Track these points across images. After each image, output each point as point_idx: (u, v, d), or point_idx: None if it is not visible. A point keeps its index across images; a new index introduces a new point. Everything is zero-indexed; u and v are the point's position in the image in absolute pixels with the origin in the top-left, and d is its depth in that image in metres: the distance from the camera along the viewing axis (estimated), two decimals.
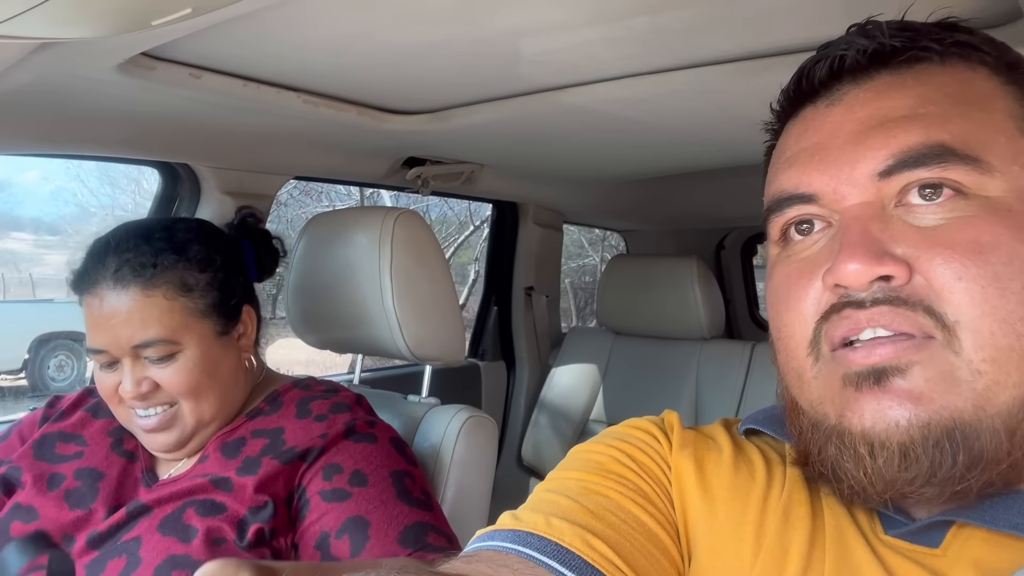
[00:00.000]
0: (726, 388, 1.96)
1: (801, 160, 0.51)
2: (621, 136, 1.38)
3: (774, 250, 0.54)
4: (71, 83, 0.91)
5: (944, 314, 0.44)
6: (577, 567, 0.48)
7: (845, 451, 0.46)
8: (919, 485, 0.44)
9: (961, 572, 0.45)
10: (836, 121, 0.50)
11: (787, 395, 0.53)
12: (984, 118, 0.48)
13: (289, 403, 1.01)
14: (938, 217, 0.46)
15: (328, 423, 0.96)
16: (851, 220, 0.47)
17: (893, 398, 0.44)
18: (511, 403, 2.34)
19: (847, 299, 0.46)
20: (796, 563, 0.49)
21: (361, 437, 0.95)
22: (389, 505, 0.89)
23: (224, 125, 1.17)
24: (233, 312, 1.00)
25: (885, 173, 0.47)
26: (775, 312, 0.52)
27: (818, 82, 0.52)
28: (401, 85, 1.10)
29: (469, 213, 7.02)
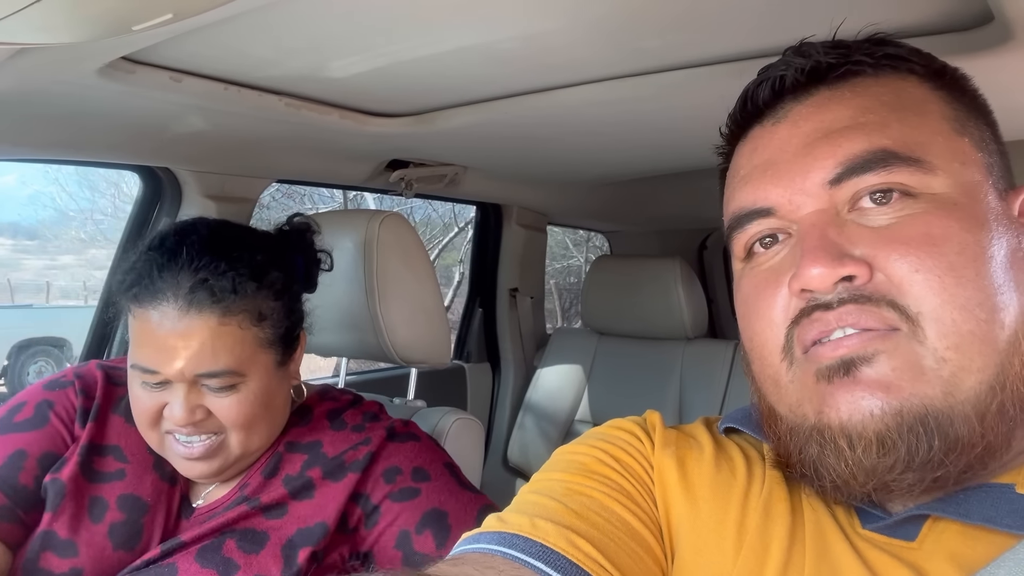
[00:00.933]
0: (710, 387, 1.97)
1: (755, 177, 0.53)
2: (603, 138, 1.39)
3: (738, 265, 0.56)
4: (51, 87, 0.91)
5: (907, 306, 0.45)
6: (562, 567, 0.48)
7: (826, 446, 0.47)
8: (899, 472, 0.45)
9: (937, 564, 0.46)
10: (783, 137, 0.53)
11: (763, 403, 0.54)
12: (920, 122, 0.50)
13: (320, 416, 0.97)
14: (889, 217, 0.48)
15: (367, 431, 0.93)
16: (809, 227, 0.49)
17: (864, 388, 0.45)
18: (496, 405, 2.34)
19: (815, 302, 0.48)
20: (777, 558, 0.50)
21: (405, 437, 0.94)
22: (457, 494, 0.90)
23: (205, 129, 1.17)
24: (295, 341, 0.93)
25: (835, 181, 0.49)
26: (746, 322, 0.54)
27: (762, 102, 0.55)
28: (383, 88, 1.10)
29: (453, 215, 7.01)
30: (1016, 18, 0.74)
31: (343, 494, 0.87)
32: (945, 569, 0.45)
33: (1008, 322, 0.46)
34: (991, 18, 0.76)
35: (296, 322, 0.93)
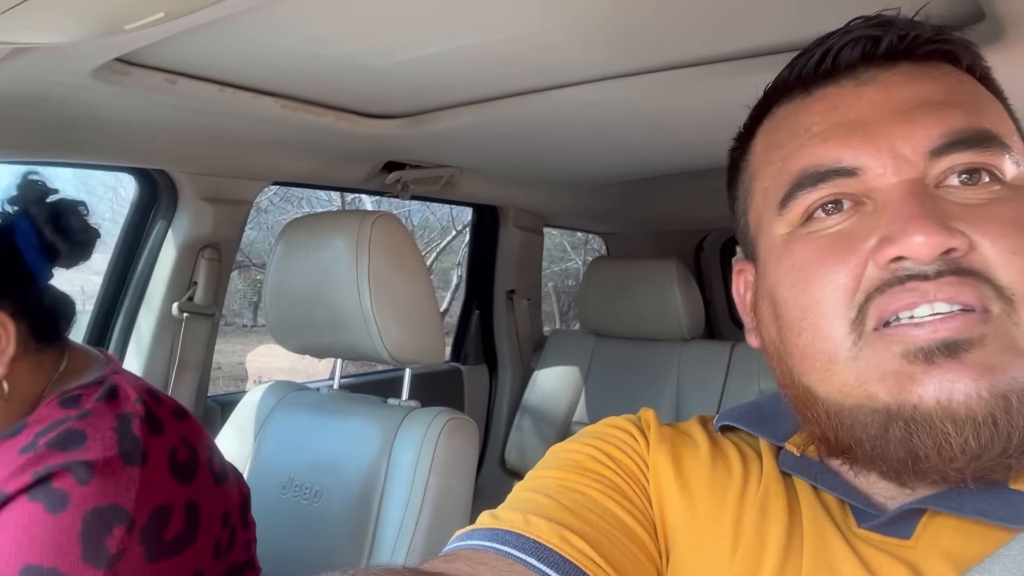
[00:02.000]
0: (707, 388, 1.97)
1: (839, 134, 0.49)
2: (600, 139, 1.39)
3: (783, 229, 0.52)
4: (44, 89, 0.90)
5: (1003, 287, 0.44)
6: (555, 563, 0.48)
7: (919, 429, 0.44)
8: (1006, 456, 0.43)
9: (932, 562, 0.46)
10: (874, 100, 0.50)
11: (798, 384, 0.51)
12: (1000, 116, 0.50)
13: (34, 424, 0.77)
14: (980, 197, 0.46)
15: (24, 464, 0.72)
16: (906, 194, 0.46)
17: (970, 371, 0.43)
18: (494, 406, 2.34)
19: (909, 272, 0.45)
20: (774, 557, 0.50)
21: (42, 496, 0.70)
22: None
23: (201, 131, 1.17)
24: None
25: (936, 152, 0.47)
26: (801, 290, 0.49)
27: (844, 63, 0.52)
28: (379, 89, 1.10)
29: (451, 218, 7.01)
30: (1007, 16, 0.74)
31: None
32: (940, 566, 0.45)
33: None
34: (982, 16, 0.76)
35: None
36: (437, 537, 1.07)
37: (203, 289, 1.47)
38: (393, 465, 1.12)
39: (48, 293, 0.86)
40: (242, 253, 5.25)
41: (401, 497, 1.10)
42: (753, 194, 0.57)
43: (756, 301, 0.57)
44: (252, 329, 8.12)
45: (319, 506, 1.15)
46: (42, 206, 0.85)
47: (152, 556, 0.73)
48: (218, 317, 1.54)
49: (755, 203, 0.56)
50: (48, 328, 0.84)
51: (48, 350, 0.83)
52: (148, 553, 0.73)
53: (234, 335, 7.74)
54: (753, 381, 1.90)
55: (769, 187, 0.54)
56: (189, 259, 1.45)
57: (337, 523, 1.13)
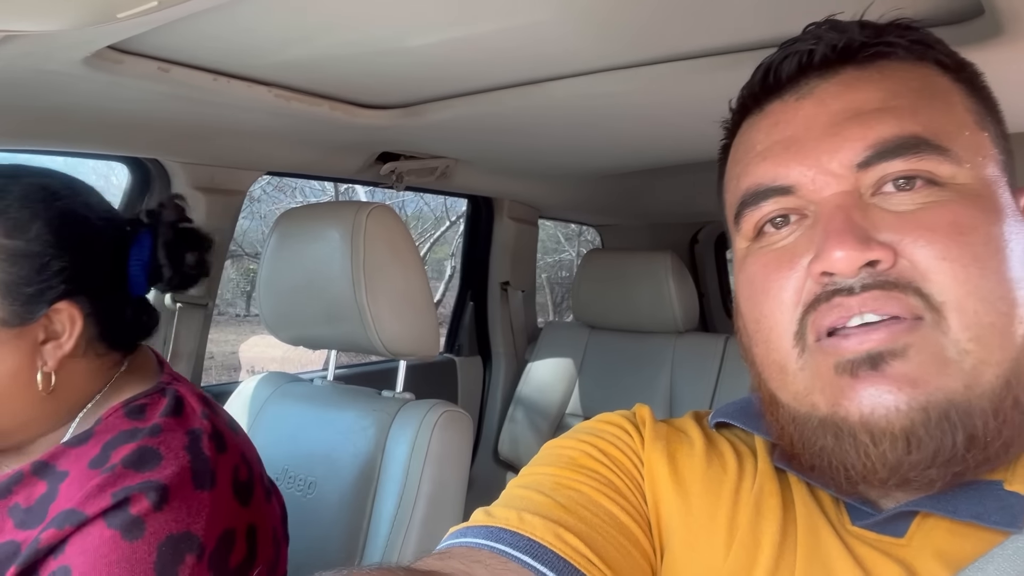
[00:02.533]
0: (700, 380, 1.98)
1: (775, 153, 0.51)
2: (595, 131, 1.39)
3: (743, 244, 0.54)
4: (36, 77, 0.89)
5: (931, 294, 0.45)
6: (549, 561, 0.48)
7: (844, 440, 0.45)
8: (923, 468, 0.44)
9: (925, 561, 0.46)
10: (808, 114, 0.51)
11: (764, 389, 0.53)
12: (948, 111, 0.50)
13: (103, 433, 0.76)
14: (914, 203, 0.47)
15: (101, 484, 0.71)
16: (833, 209, 0.47)
17: (891, 383, 0.44)
18: (487, 398, 2.34)
19: (835, 287, 0.46)
20: (768, 554, 0.50)
21: (118, 521, 0.69)
22: None
23: (194, 120, 1.16)
24: (36, 302, 0.75)
25: (863, 164, 0.47)
26: (752, 304, 0.52)
27: (786, 77, 0.53)
28: (374, 79, 1.09)
29: (445, 208, 7.00)
30: (1006, 12, 0.74)
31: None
32: (932, 566, 0.45)
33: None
34: (981, 11, 0.76)
35: (43, 285, 0.75)
36: (431, 529, 1.07)
37: None
38: (387, 457, 1.12)
39: (135, 304, 0.85)
40: (235, 243, 5.23)
41: (395, 489, 1.10)
42: (724, 206, 0.59)
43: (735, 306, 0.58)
44: (245, 319, 8.11)
45: (313, 498, 1.15)
46: (169, 229, 0.86)
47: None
48: (211, 307, 1.53)
49: (726, 215, 0.58)
50: (121, 338, 0.83)
51: (112, 356, 0.83)
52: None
53: (227, 325, 7.73)
54: (746, 374, 1.88)
55: (730, 202, 0.56)
56: None
57: (331, 514, 1.13)
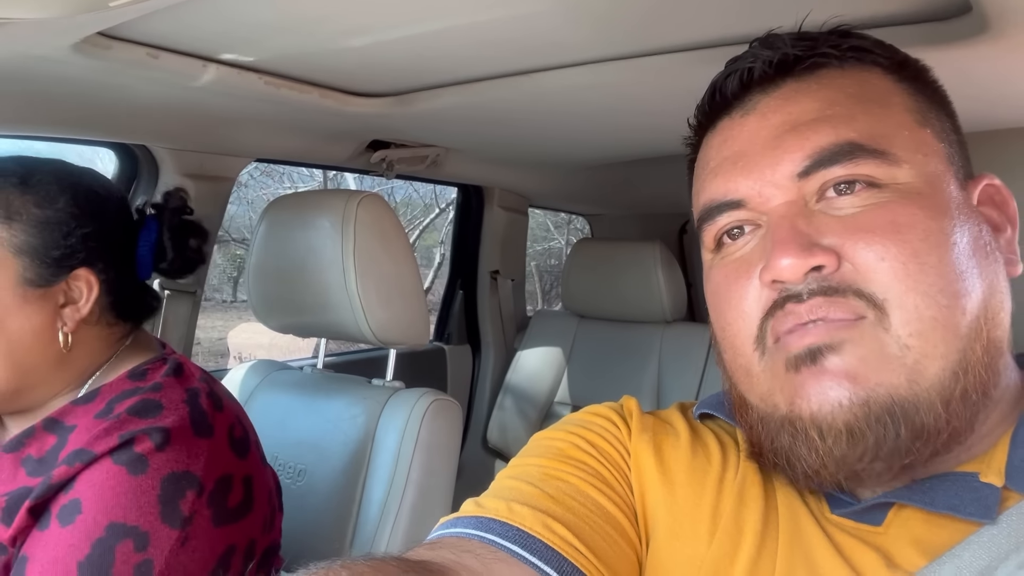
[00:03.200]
0: (687, 370, 1.99)
1: (725, 168, 0.54)
2: (585, 121, 1.39)
3: (708, 255, 0.57)
4: (24, 63, 0.89)
5: (873, 294, 0.46)
6: (538, 550, 0.49)
7: (798, 437, 0.47)
8: (868, 461, 0.45)
9: (901, 548, 0.47)
10: (752, 129, 0.53)
11: (735, 392, 0.55)
12: (885, 113, 0.51)
13: (107, 392, 0.85)
14: (856, 207, 0.49)
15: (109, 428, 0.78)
16: (778, 219, 0.50)
17: (831, 378, 0.46)
18: (477, 386, 2.35)
19: (786, 294, 0.48)
20: (750, 542, 0.51)
21: (124, 458, 0.76)
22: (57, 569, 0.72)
23: (183, 106, 1.15)
24: (58, 267, 0.83)
25: (803, 173, 0.50)
26: (718, 313, 0.54)
27: (731, 94, 0.55)
28: (364, 68, 1.09)
29: (435, 195, 6.98)
30: (993, 9, 0.74)
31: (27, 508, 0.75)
32: (909, 553, 0.46)
33: (970, 308, 0.47)
34: (968, 8, 0.77)
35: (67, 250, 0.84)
36: (420, 516, 1.08)
37: None
38: (377, 445, 1.13)
39: (143, 287, 0.95)
40: (222, 228, 5.20)
41: (385, 477, 1.10)
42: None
43: None
44: (232, 304, 8.07)
45: (303, 485, 1.16)
46: (174, 216, 0.97)
47: (218, 521, 0.80)
48: (200, 295, 1.53)
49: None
50: (128, 310, 0.92)
51: (119, 327, 0.91)
52: (215, 517, 0.80)
53: (214, 310, 7.70)
54: None
55: (695, 216, 0.58)
56: None
57: (321, 502, 1.14)
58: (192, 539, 0.77)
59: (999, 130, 1.17)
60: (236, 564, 0.82)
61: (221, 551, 0.80)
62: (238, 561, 0.82)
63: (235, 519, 0.82)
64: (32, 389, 0.84)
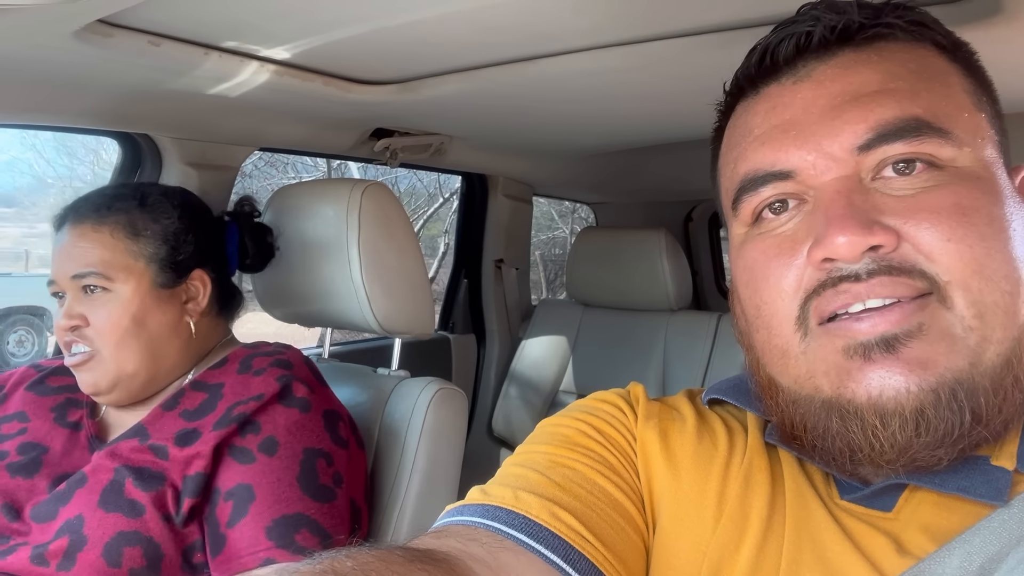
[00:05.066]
0: (693, 358, 1.99)
1: (774, 137, 0.50)
2: (591, 108, 1.38)
3: (740, 229, 0.54)
4: (25, 51, 0.88)
5: (936, 275, 0.45)
6: (544, 539, 0.49)
7: (851, 421, 0.45)
8: (932, 448, 0.44)
9: (912, 534, 0.47)
10: (807, 97, 0.50)
11: (763, 373, 0.53)
12: (947, 93, 0.49)
13: (234, 360, 1.02)
14: (914, 187, 0.47)
15: (264, 379, 0.96)
16: (833, 194, 0.47)
17: (904, 365, 0.44)
18: (482, 375, 2.34)
19: (839, 273, 0.46)
20: (756, 527, 0.51)
21: (293, 402, 0.95)
22: (282, 485, 0.89)
23: (185, 95, 1.14)
24: (180, 269, 1.01)
25: (864, 147, 0.47)
26: (752, 290, 0.52)
27: (783, 59, 0.52)
28: (368, 55, 1.08)
29: (439, 185, 6.96)
30: None
31: (215, 442, 0.90)
32: (919, 538, 0.46)
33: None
34: None
35: (180, 251, 1.01)
36: (426, 504, 1.08)
37: None
38: (383, 434, 1.13)
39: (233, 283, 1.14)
40: None
41: (390, 466, 1.10)
42: (719, 190, 0.58)
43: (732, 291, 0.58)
44: None
45: None
46: (249, 220, 1.16)
47: (359, 444, 1.04)
48: None
49: (721, 199, 0.58)
50: (229, 303, 1.11)
51: (223, 319, 1.10)
52: (357, 442, 1.03)
53: None
54: (738, 351, 1.87)
55: (727, 188, 0.55)
56: None
57: None
58: (353, 456, 0.99)
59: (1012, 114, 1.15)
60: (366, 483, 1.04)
61: (365, 467, 1.04)
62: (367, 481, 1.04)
63: (356, 445, 1.03)
64: (167, 374, 1.01)
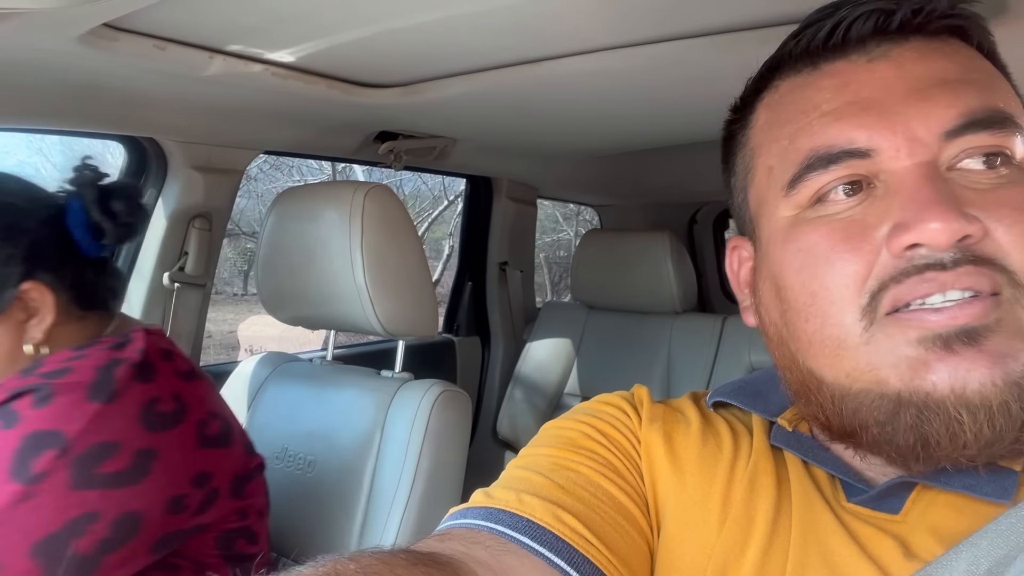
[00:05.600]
0: (697, 361, 1.98)
1: (852, 113, 0.48)
2: (594, 110, 1.38)
3: (789, 211, 0.50)
4: (31, 56, 0.89)
5: (1016, 272, 0.44)
6: (548, 542, 0.48)
7: (931, 416, 0.43)
8: (1011, 442, 0.43)
9: (920, 536, 0.46)
10: (886, 77, 0.48)
11: (802, 367, 0.50)
12: (1010, 93, 0.48)
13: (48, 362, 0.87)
14: (992, 182, 0.45)
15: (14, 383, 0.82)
16: (920, 178, 0.45)
17: (987, 358, 0.42)
18: (486, 378, 2.34)
19: (925, 261, 0.44)
20: (762, 530, 0.50)
21: (3, 414, 0.79)
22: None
23: (190, 98, 1.15)
24: (0, 290, 0.85)
25: (952, 133, 0.45)
26: (809, 275, 0.48)
27: (856, 37, 0.50)
28: (372, 58, 1.08)
29: (443, 188, 6.98)
30: None
31: None
32: (927, 541, 0.46)
33: None
34: None
35: (3, 275, 0.85)
36: (430, 508, 1.08)
37: (194, 259, 1.45)
38: (386, 436, 1.13)
39: (97, 268, 0.94)
40: (232, 221, 5.23)
41: (394, 468, 1.10)
42: (755, 172, 0.55)
43: (756, 281, 0.55)
44: (242, 298, 8.11)
45: (312, 476, 1.16)
46: (92, 188, 0.93)
47: (77, 483, 0.78)
48: (210, 287, 1.53)
49: (757, 181, 0.54)
50: (92, 298, 0.92)
51: (92, 317, 0.92)
52: (74, 479, 0.78)
53: (224, 304, 7.74)
54: (743, 354, 1.91)
55: (774, 166, 0.52)
56: (180, 229, 1.44)
57: (330, 493, 1.14)
58: (37, 496, 0.76)
59: None
60: (98, 530, 0.79)
61: (75, 514, 0.78)
62: (101, 528, 0.79)
63: (105, 485, 0.80)
64: None
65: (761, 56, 0.57)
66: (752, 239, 0.56)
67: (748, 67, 0.58)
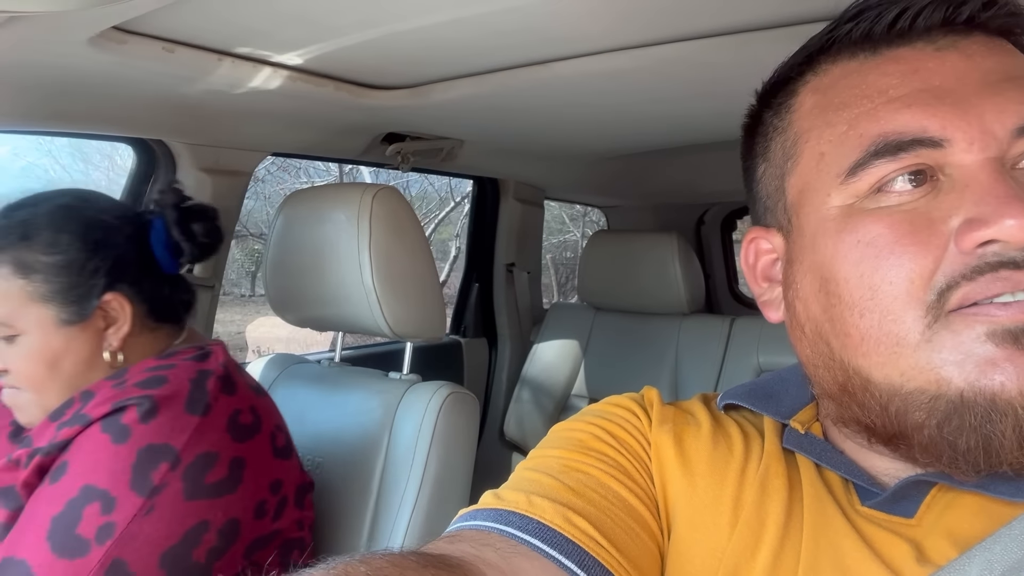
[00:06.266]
0: (705, 362, 1.98)
1: (924, 101, 0.46)
2: (602, 111, 1.38)
3: (844, 199, 0.48)
4: (41, 58, 0.89)
5: None
6: (558, 544, 0.48)
7: (999, 418, 0.41)
8: None
9: (935, 541, 0.46)
10: (957, 67, 0.46)
11: (845, 365, 0.48)
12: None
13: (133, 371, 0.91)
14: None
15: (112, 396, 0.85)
16: (993, 173, 0.44)
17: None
18: (493, 379, 2.34)
19: (999, 258, 0.42)
20: (773, 534, 0.50)
21: (111, 427, 0.82)
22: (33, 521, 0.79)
23: (199, 100, 1.15)
24: (86, 300, 0.90)
25: (1022, 131, 0.44)
26: (871, 269, 0.46)
27: (924, 24, 0.48)
28: (379, 60, 1.08)
29: (450, 189, 6.99)
30: None
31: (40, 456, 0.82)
32: (942, 544, 0.45)
33: None
34: None
35: (88, 283, 0.90)
36: (438, 509, 1.08)
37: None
38: (394, 438, 1.13)
39: (172, 283, 1.00)
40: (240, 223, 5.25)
41: (402, 470, 1.10)
42: (800, 157, 0.52)
43: (791, 274, 0.53)
44: (250, 299, 8.14)
45: (320, 477, 1.16)
46: (174, 210, 1.00)
47: (190, 494, 0.83)
48: (218, 289, 1.53)
49: (802, 167, 0.51)
50: (165, 312, 0.98)
51: (165, 329, 0.98)
52: (187, 491, 0.82)
53: (232, 305, 7.77)
54: (752, 356, 1.90)
55: (827, 152, 0.49)
56: None
57: (338, 495, 1.14)
58: (158, 508, 0.80)
59: None
60: (209, 539, 0.83)
61: (192, 524, 0.82)
62: (211, 537, 0.84)
63: (212, 495, 0.84)
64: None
65: (769, 56, 0.56)
66: (784, 230, 0.54)
67: (757, 68, 0.57)
